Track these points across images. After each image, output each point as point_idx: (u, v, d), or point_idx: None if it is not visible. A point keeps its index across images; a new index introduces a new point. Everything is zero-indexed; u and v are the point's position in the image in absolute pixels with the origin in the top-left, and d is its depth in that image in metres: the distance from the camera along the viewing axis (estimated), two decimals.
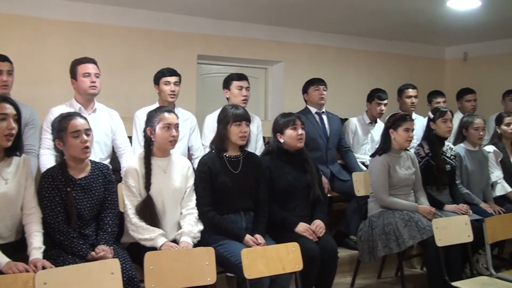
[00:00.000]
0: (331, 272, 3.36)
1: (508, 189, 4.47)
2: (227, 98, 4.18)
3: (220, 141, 3.29)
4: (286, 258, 2.89)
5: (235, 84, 4.12)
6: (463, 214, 3.87)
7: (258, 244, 3.04)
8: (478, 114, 4.49)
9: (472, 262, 3.79)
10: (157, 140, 3.09)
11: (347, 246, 4.41)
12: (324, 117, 4.67)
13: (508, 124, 4.55)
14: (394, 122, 3.90)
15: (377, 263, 4.29)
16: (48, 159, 3.37)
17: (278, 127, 3.52)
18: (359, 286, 4.16)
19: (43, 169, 3.19)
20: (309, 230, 3.30)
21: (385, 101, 4.88)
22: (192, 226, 3.07)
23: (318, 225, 3.36)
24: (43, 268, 2.45)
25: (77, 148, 2.78)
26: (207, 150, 3.64)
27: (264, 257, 2.83)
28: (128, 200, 3.02)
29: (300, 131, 3.48)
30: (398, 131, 3.86)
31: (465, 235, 3.59)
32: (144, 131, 3.15)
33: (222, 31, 5.39)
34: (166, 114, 3.10)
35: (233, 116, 3.24)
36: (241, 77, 4.17)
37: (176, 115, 3.18)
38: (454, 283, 3.29)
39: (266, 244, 3.05)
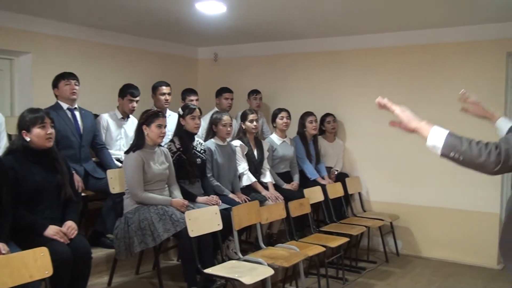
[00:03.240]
0: (84, 273, 3.27)
1: (253, 179, 4.92)
2: None
3: None
4: (34, 265, 2.72)
5: None
6: (213, 204, 4.14)
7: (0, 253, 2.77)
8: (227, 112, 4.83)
9: (223, 249, 4.08)
10: None
11: (104, 245, 4.33)
12: (77, 113, 4.48)
13: (251, 121, 4.99)
14: (147, 119, 3.96)
15: (135, 259, 4.33)
16: None
17: (25, 124, 3.25)
18: (117, 285, 4.13)
19: None
20: (60, 233, 3.15)
21: (137, 98, 4.89)
22: None
23: (70, 226, 3.24)
24: None
25: None
26: None
27: (7, 267, 2.62)
28: None
29: (50, 130, 3.28)
30: (151, 127, 3.94)
31: (215, 224, 3.86)
32: None
33: None
34: None
35: None
36: None
37: None
38: (206, 270, 3.51)
39: (11, 252, 2.81)
